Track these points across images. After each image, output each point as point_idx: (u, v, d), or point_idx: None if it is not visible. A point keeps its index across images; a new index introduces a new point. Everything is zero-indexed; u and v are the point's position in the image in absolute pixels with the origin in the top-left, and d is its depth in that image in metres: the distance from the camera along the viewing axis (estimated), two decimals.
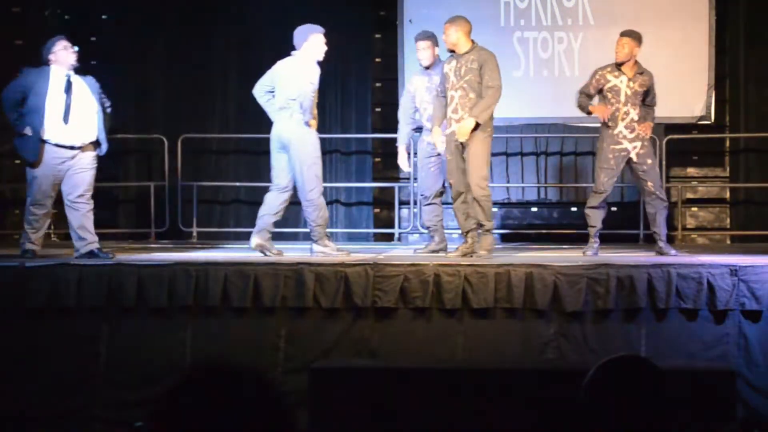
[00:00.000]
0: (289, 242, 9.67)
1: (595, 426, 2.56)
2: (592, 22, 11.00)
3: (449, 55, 8.10)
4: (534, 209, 11.39)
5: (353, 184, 11.35)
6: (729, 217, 11.25)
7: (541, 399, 6.00)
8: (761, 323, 7.09)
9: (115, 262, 7.64)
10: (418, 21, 10.57)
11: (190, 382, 1.90)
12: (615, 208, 8.64)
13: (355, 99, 11.36)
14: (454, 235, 9.07)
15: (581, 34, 11.00)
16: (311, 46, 8.07)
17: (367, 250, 9.17)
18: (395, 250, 9.42)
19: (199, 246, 10.02)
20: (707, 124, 11.04)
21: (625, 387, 2.57)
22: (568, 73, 10.95)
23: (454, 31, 7.99)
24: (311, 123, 8.11)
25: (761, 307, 7.05)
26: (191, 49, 11.22)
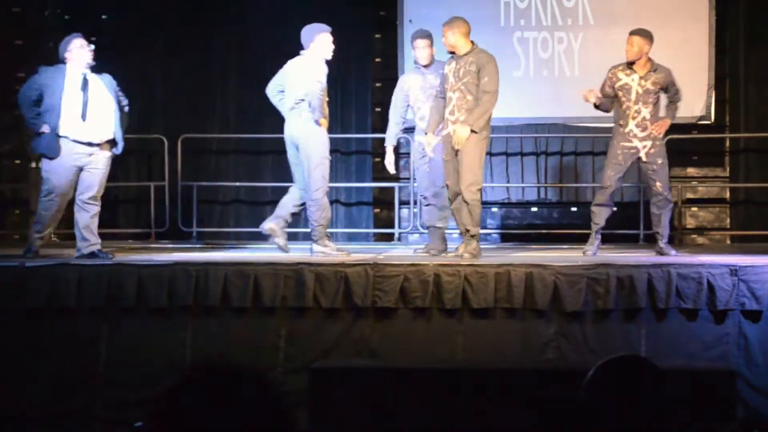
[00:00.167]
0: (289, 242, 9.65)
1: (595, 426, 2.56)
2: (592, 22, 11.00)
3: (449, 56, 8.09)
4: (534, 209, 11.38)
5: (353, 184, 11.34)
6: (729, 217, 11.24)
7: (541, 399, 5.99)
8: (761, 323, 7.09)
9: (115, 262, 7.64)
10: (418, 21, 10.55)
11: (190, 382, 1.90)
12: (615, 208, 8.62)
13: (355, 99, 11.34)
14: (454, 235, 9.06)
15: (581, 34, 10.99)
16: (318, 46, 8.10)
17: (367, 250, 9.17)
18: (395, 250, 9.42)
19: (206, 246, 10.01)
20: (707, 124, 11.02)
21: (625, 387, 2.56)
22: (568, 73, 10.95)
23: (451, 34, 7.96)
24: (321, 122, 8.10)
25: (761, 307, 7.06)
26: (191, 49, 11.20)
